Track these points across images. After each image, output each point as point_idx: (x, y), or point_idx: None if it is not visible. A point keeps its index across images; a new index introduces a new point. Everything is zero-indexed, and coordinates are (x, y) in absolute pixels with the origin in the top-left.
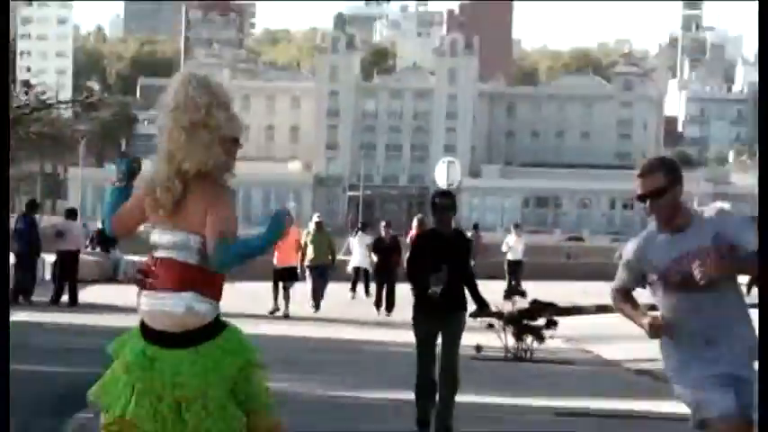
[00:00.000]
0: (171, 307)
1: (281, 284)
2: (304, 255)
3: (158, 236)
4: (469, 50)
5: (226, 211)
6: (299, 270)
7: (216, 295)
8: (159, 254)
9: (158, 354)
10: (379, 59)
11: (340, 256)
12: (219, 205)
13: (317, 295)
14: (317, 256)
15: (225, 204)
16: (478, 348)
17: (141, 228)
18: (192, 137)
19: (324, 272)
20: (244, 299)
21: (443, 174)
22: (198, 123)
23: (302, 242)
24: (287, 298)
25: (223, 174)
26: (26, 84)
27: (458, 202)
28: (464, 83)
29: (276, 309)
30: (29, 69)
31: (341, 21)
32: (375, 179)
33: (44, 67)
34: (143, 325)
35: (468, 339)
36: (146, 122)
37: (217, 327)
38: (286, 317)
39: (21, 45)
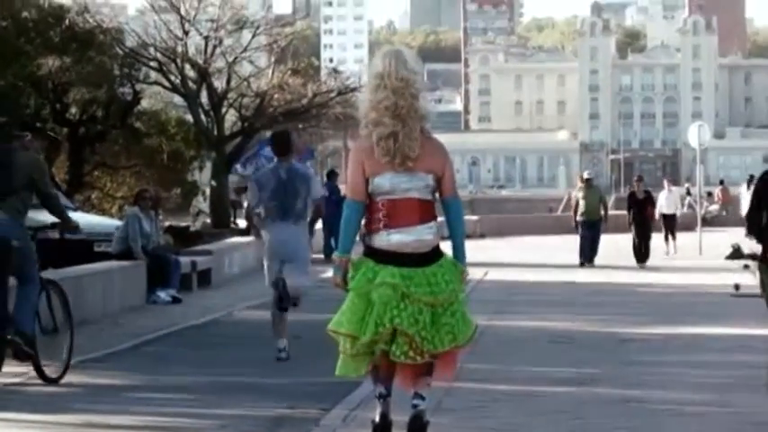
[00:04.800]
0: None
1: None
2: (576, 210)
3: None
4: (709, 30)
5: None
6: (573, 224)
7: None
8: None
9: (412, 272)
10: (632, 40)
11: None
12: None
13: (586, 248)
14: (588, 211)
15: None
16: (737, 287)
17: None
18: None
19: (595, 226)
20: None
21: (695, 135)
22: None
23: (574, 198)
24: None
25: None
26: (334, 70)
27: (705, 160)
28: (706, 58)
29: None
30: (331, 60)
31: (597, 8)
32: (633, 143)
33: (344, 57)
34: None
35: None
36: (432, 102)
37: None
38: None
39: (324, 39)
